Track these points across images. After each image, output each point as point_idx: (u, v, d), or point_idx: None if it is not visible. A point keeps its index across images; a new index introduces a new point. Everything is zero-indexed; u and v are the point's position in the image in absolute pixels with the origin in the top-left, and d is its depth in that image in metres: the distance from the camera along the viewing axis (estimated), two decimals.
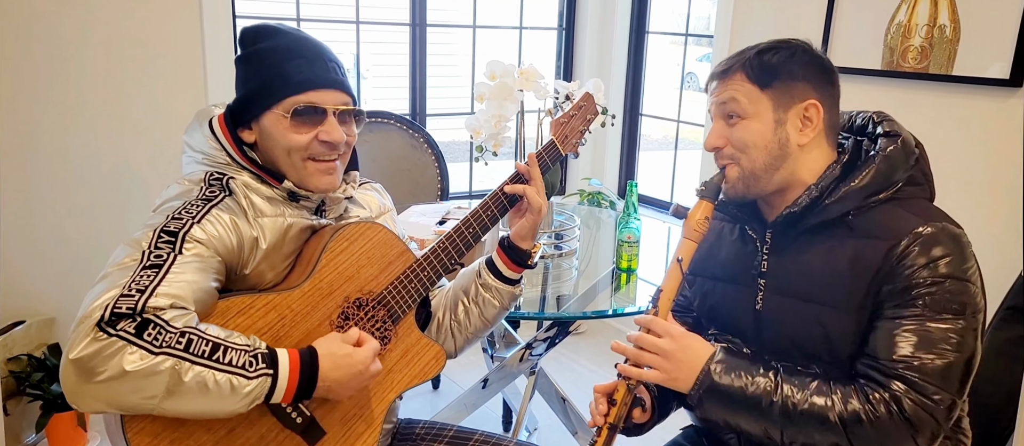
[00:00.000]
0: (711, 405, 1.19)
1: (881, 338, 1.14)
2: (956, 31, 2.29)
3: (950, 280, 1.12)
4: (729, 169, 1.26)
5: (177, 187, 1.24)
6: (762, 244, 1.30)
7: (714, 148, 1.28)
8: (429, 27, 3.31)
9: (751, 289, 1.31)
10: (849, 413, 1.11)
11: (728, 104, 1.24)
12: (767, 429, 1.16)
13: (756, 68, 1.22)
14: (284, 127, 1.23)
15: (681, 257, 1.26)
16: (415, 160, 2.91)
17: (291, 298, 1.22)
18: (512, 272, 1.43)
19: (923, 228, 1.14)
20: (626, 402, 1.26)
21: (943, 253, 1.13)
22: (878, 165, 1.20)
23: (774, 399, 1.15)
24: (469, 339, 1.48)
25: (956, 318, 1.11)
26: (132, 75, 2.57)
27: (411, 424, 1.54)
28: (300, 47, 1.25)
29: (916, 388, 1.09)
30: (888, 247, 1.15)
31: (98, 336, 1.01)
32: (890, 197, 1.21)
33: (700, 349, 1.22)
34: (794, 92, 1.22)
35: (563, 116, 1.52)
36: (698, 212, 1.26)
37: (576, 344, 3.48)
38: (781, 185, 1.26)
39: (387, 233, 1.34)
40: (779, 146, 1.23)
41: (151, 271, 1.08)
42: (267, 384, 1.09)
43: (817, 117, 1.23)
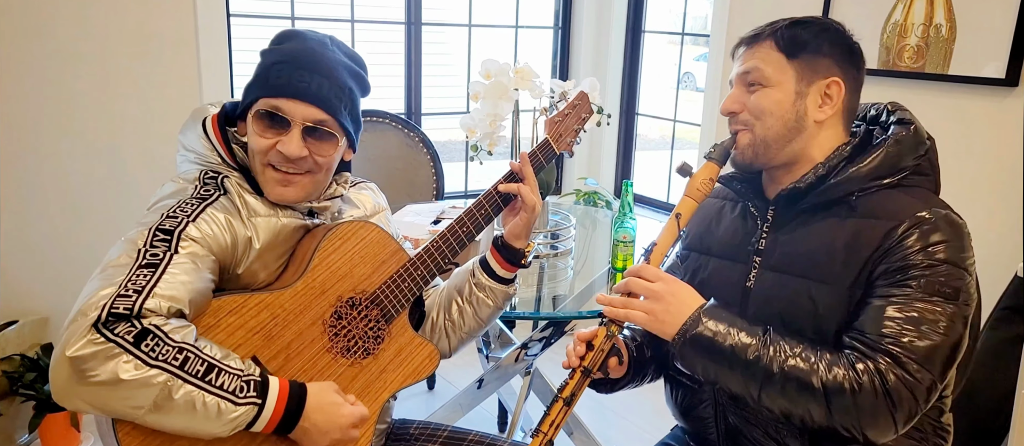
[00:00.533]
0: (694, 353, 1.18)
1: (870, 314, 1.13)
2: (952, 30, 2.29)
3: (946, 265, 1.12)
4: (741, 135, 1.26)
5: (172, 185, 1.24)
6: (763, 221, 1.31)
7: (730, 112, 1.28)
8: (424, 26, 3.30)
9: (745, 266, 1.31)
10: (831, 380, 1.10)
11: (751, 73, 1.25)
12: (746, 385, 1.15)
13: (786, 38, 1.23)
14: (252, 129, 1.22)
15: (680, 213, 1.26)
16: (410, 159, 2.90)
17: (283, 297, 1.21)
18: (506, 271, 1.43)
19: (924, 213, 1.15)
20: (603, 348, 1.25)
21: (942, 239, 1.13)
22: (887, 149, 1.21)
23: (760, 354, 1.14)
24: (463, 339, 1.47)
25: (947, 302, 1.11)
26: (126, 74, 2.55)
27: (405, 424, 1.54)
28: (298, 55, 1.22)
29: (900, 364, 1.09)
30: (888, 228, 1.15)
31: (95, 338, 1.00)
32: (896, 183, 1.21)
33: (689, 297, 1.21)
34: (819, 67, 1.23)
35: (557, 115, 1.51)
36: (704, 172, 1.26)
37: None
38: (790, 159, 1.26)
39: (380, 232, 1.33)
40: (796, 118, 1.23)
41: (147, 271, 1.07)
42: (252, 412, 1.08)
43: (838, 96, 1.23)
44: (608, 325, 1.26)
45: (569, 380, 1.25)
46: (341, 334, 1.27)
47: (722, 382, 1.19)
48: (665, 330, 1.20)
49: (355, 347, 1.28)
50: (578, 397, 1.25)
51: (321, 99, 1.21)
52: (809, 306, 1.20)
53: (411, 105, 3.39)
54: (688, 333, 1.18)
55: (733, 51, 1.31)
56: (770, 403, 1.15)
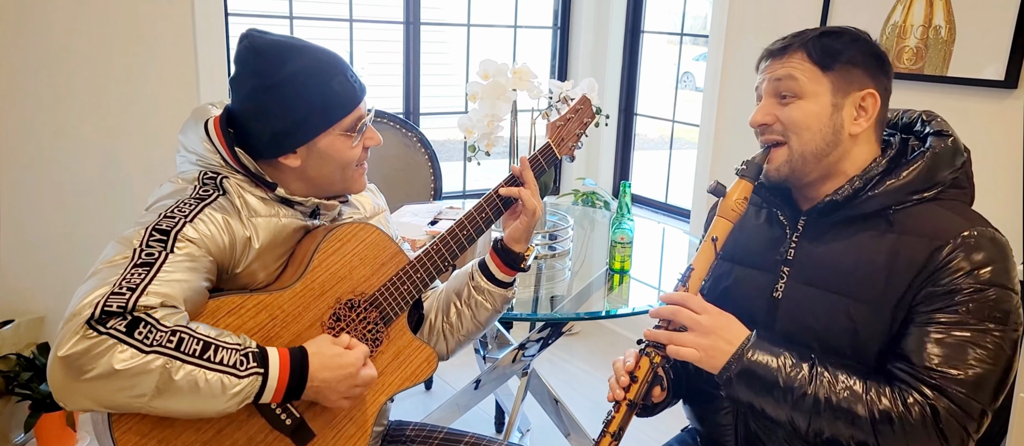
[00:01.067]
0: (741, 387, 1.16)
1: (917, 341, 1.10)
2: (951, 32, 2.29)
3: (993, 288, 1.09)
4: (776, 151, 1.23)
5: (170, 185, 1.23)
6: (792, 231, 1.27)
7: (761, 125, 1.24)
8: (423, 26, 3.30)
9: (772, 275, 1.27)
10: (881, 413, 1.08)
11: (784, 81, 1.21)
12: (793, 417, 1.13)
13: (819, 49, 1.20)
14: (344, 145, 1.26)
15: (716, 236, 1.23)
16: (408, 159, 2.90)
17: (282, 298, 1.21)
18: (505, 275, 1.42)
19: (969, 232, 1.12)
20: (647, 379, 1.22)
21: (988, 259, 1.10)
22: (926, 162, 1.18)
23: (807, 389, 1.11)
24: (461, 341, 1.47)
25: (997, 327, 1.08)
26: (123, 73, 2.55)
27: (401, 425, 1.53)
28: (329, 63, 1.24)
29: (951, 397, 1.06)
30: (933, 248, 1.12)
31: (87, 334, 1.00)
32: (933, 197, 1.18)
33: (736, 329, 1.18)
34: (853, 78, 1.20)
35: (559, 119, 1.50)
36: (737, 192, 1.22)
37: (570, 345, 3.47)
38: (824, 173, 1.22)
39: (380, 234, 1.33)
40: (833, 132, 1.20)
41: (142, 269, 1.07)
42: (257, 383, 1.08)
43: (873, 108, 1.20)
44: (651, 356, 1.22)
45: (614, 413, 1.22)
46: (339, 336, 1.26)
47: (769, 412, 1.16)
48: (713, 364, 1.17)
49: None
50: (625, 430, 1.23)
51: (364, 88, 1.30)
52: (848, 325, 1.17)
53: (409, 105, 3.39)
54: (734, 368, 1.15)
55: (759, 62, 1.27)
56: (818, 431, 1.13)
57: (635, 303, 1.94)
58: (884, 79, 1.23)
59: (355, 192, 1.35)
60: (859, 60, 1.20)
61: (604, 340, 3.55)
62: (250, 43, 1.22)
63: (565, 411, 2.36)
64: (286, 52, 1.22)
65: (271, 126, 1.22)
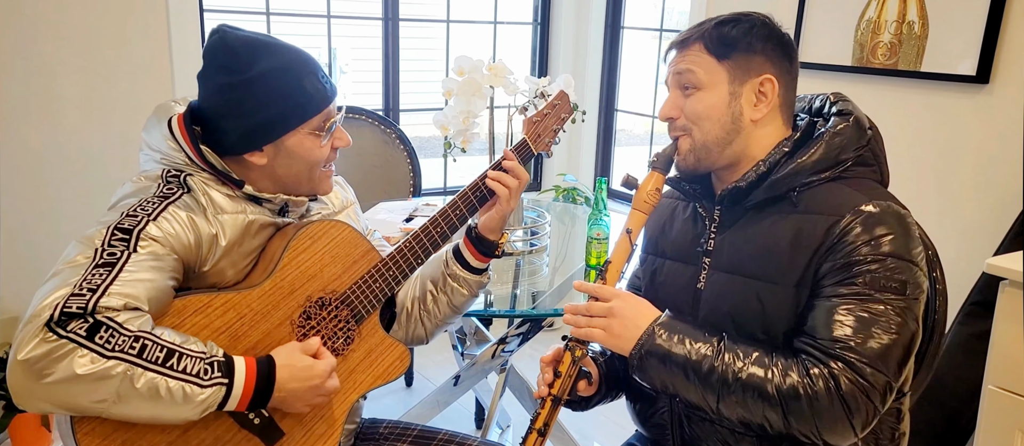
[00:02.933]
0: (651, 366, 1.17)
1: (820, 316, 1.11)
2: (924, 28, 2.31)
3: (892, 258, 1.10)
4: (681, 140, 1.25)
5: (132, 184, 1.22)
6: (710, 222, 1.29)
7: (668, 118, 1.26)
8: (402, 22, 3.28)
9: (696, 268, 1.29)
10: (787, 386, 1.08)
11: (684, 75, 1.23)
12: (704, 396, 1.14)
13: (715, 39, 1.21)
14: (312, 145, 1.24)
15: (630, 228, 1.25)
16: (387, 156, 2.89)
17: (250, 297, 1.20)
18: (479, 262, 1.43)
19: (866, 205, 1.13)
20: (570, 374, 1.24)
21: (886, 231, 1.11)
22: (827, 141, 1.19)
23: (714, 365, 1.12)
24: (439, 326, 1.47)
25: (897, 297, 1.09)
26: (97, 70, 2.52)
27: (375, 423, 1.53)
28: (300, 62, 1.23)
29: (854, 368, 1.07)
30: (830, 223, 1.13)
31: (47, 337, 0.98)
32: (837, 175, 1.19)
33: (645, 311, 1.20)
34: (751, 66, 1.21)
35: (536, 115, 1.49)
36: (649, 183, 1.25)
37: (549, 341, 3.47)
38: (732, 160, 1.24)
39: (351, 232, 1.32)
40: (732, 120, 1.21)
41: (103, 270, 1.06)
42: (221, 393, 1.07)
43: (772, 92, 1.21)
44: (572, 349, 1.25)
45: (540, 410, 1.23)
46: (310, 334, 1.26)
47: (680, 394, 1.17)
48: (622, 346, 1.19)
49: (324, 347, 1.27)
50: (552, 425, 1.24)
51: (335, 89, 1.28)
52: (757, 307, 1.18)
53: (389, 101, 3.38)
54: (643, 347, 1.17)
55: (665, 54, 1.29)
56: (729, 412, 1.13)
57: None
58: (786, 62, 1.23)
59: (323, 193, 1.33)
60: (757, 46, 1.21)
61: None
62: (221, 38, 1.21)
63: None
64: (258, 49, 1.20)
65: (239, 123, 1.21)
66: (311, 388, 1.17)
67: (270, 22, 3.02)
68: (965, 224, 2.28)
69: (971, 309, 2.08)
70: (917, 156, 2.36)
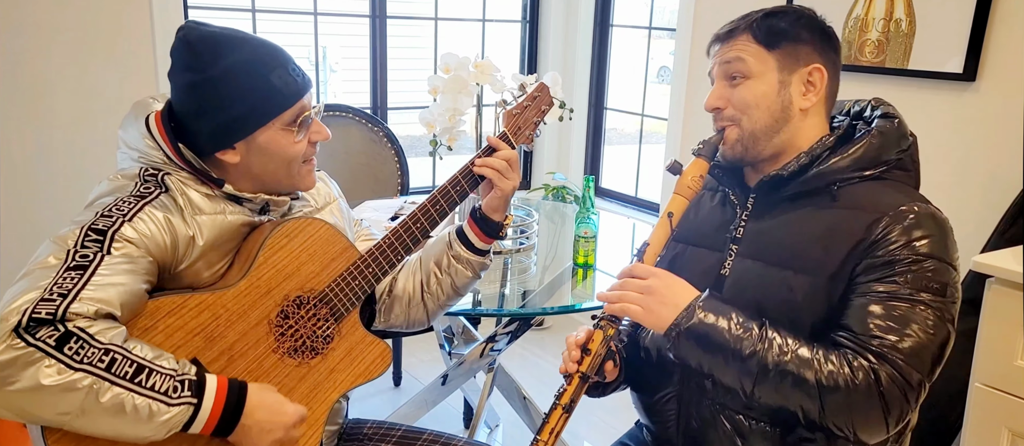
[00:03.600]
0: (689, 345, 1.16)
1: (859, 311, 1.12)
2: (912, 25, 2.30)
3: (932, 260, 1.11)
4: (729, 130, 1.25)
5: (109, 183, 1.19)
6: (742, 210, 1.29)
7: (714, 109, 1.26)
8: (390, 19, 3.26)
9: (721, 254, 1.29)
10: (828, 378, 1.08)
11: (733, 64, 1.23)
12: (740, 379, 1.13)
13: (763, 29, 1.22)
14: (286, 141, 1.22)
15: (672, 212, 1.26)
16: (374, 154, 2.87)
17: (226, 297, 1.18)
18: (484, 243, 1.42)
19: (908, 206, 1.14)
20: (600, 352, 1.22)
21: (927, 233, 1.12)
22: (871, 140, 1.21)
23: (756, 349, 1.11)
24: (441, 307, 1.47)
25: (935, 298, 1.10)
26: (80, 67, 2.49)
27: (359, 424, 1.51)
28: (268, 55, 1.20)
29: (892, 364, 1.07)
30: (871, 220, 1.14)
31: (15, 343, 0.96)
32: (878, 175, 1.21)
33: (684, 290, 1.19)
34: (800, 55, 1.22)
35: (516, 107, 1.48)
36: (693, 170, 1.26)
37: (539, 339, 3.46)
38: (777, 149, 1.25)
39: (329, 229, 1.30)
40: (781, 108, 1.22)
41: (75, 273, 1.03)
42: (188, 412, 1.05)
43: (821, 82, 1.23)
44: (604, 328, 1.23)
45: (567, 386, 1.22)
46: (288, 334, 1.24)
47: (716, 375, 1.16)
48: (660, 323, 1.18)
49: (303, 347, 1.26)
50: (577, 403, 1.22)
51: (309, 82, 1.25)
52: (786, 295, 1.18)
53: (376, 99, 3.36)
54: (682, 325, 1.15)
55: (708, 48, 1.30)
56: (764, 397, 1.13)
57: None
58: (832, 53, 1.25)
59: (305, 189, 1.31)
60: (805, 36, 1.22)
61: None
62: (184, 37, 1.18)
63: (533, 406, 2.35)
64: (221, 45, 1.17)
65: (208, 122, 1.18)
66: (279, 425, 1.14)
67: (256, 19, 2.99)
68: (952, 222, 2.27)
69: None
70: None
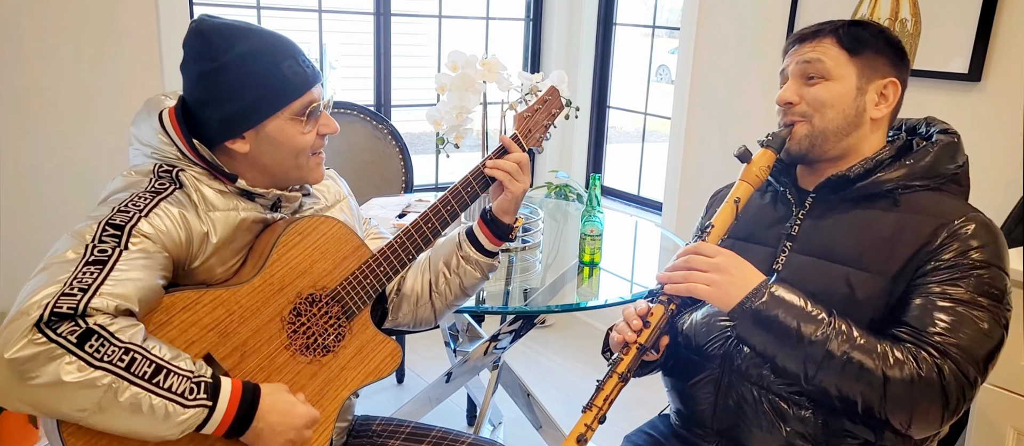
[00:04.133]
0: (754, 327, 1.18)
1: (920, 310, 1.15)
2: (917, 25, 2.31)
3: (993, 268, 1.16)
4: (798, 126, 1.28)
5: (123, 179, 1.20)
6: (799, 208, 1.33)
7: (787, 103, 1.29)
8: (394, 17, 3.26)
9: (774, 250, 1.32)
10: (893, 370, 1.11)
11: (813, 64, 1.27)
12: (804, 363, 1.15)
13: (848, 36, 1.27)
14: (294, 131, 1.22)
15: (739, 198, 1.28)
16: (379, 152, 2.87)
17: (239, 294, 1.18)
18: (493, 245, 1.43)
19: (970, 215, 1.19)
20: (660, 325, 1.25)
21: (986, 241, 1.17)
22: (937, 151, 1.26)
23: (825, 334, 1.14)
24: (449, 306, 1.48)
25: (994, 304, 1.14)
26: (85, 63, 2.49)
27: (368, 420, 1.52)
28: (278, 46, 1.21)
29: (953, 360, 1.11)
30: (937, 225, 1.18)
31: (36, 338, 0.96)
32: (937, 186, 1.26)
33: (753, 272, 1.22)
34: (878, 66, 1.27)
35: (527, 110, 1.49)
36: (762, 159, 1.28)
37: (543, 338, 3.47)
38: (842, 152, 1.29)
39: (342, 227, 1.31)
40: (856, 113, 1.26)
41: (94, 268, 1.04)
42: (203, 415, 1.06)
43: (894, 96, 1.28)
44: (665, 303, 1.26)
45: (623, 355, 1.24)
46: (300, 331, 1.24)
47: (779, 358, 1.18)
48: (727, 300, 1.19)
49: (315, 344, 1.26)
50: (632, 373, 1.24)
51: (318, 74, 1.26)
52: (846, 291, 1.21)
53: (380, 97, 3.36)
54: (751, 304, 1.17)
55: (787, 46, 1.34)
56: (825, 383, 1.15)
57: (606, 295, 1.94)
58: (905, 71, 1.30)
59: (313, 182, 1.31)
60: (884, 50, 1.28)
61: (577, 333, 3.55)
62: (197, 28, 1.19)
63: (537, 404, 2.36)
64: (232, 35, 1.18)
65: (218, 110, 1.19)
66: (290, 427, 1.15)
67: (260, 16, 2.99)
68: None
69: None
70: None
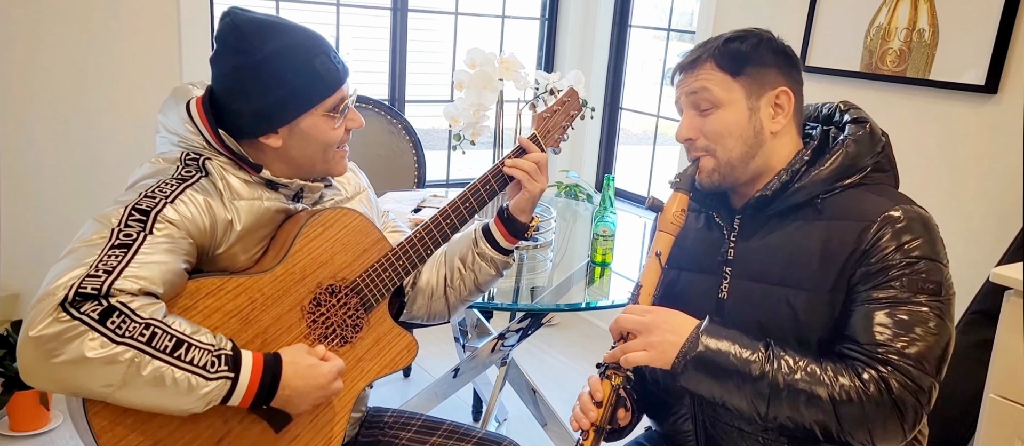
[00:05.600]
0: (697, 375, 1.15)
1: (861, 321, 1.13)
2: (934, 36, 2.31)
3: (924, 261, 1.12)
4: (704, 160, 1.25)
5: (151, 166, 1.22)
6: (729, 231, 1.29)
7: (686, 140, 1.26)
8: (410, 12, 3.28)
9: (716, 277, 1.28)
10: (840, 392, 1.09)
11: (699, 94, 1.23)
12: (753, 402, 1.13)
13: (727, 56, 1.21)
14: (326, 126, 1.25)
15: (659, 251, 1.25)
16: (392, 146, 2.89)
17: (262, 282, 1.20)
18: (509, 243, 1.45)
19: (893, 211, 1.15)
20: (610, 402, 1.21)
21: (914, 235, 1.13)
22: (846, 149, 1.21)
23: (766, 369, 1.11)
24: (462, 302, 1.50)
25: (932, 299, 1.11)
26: (104, 53, 2.51)
27: (380, 412, 1.53)
28: (312, 42, 1.23)
29: (901, 370, 1.08)
30: (861, 229, 1.15)
31: (61, 317, 0.98)
32: (858, 182, 1.21)
33: (683, 321, 1.18)
34: (766, 79, 1.22)
35: (546, 111, 1.50)
36: (674, 205, 1.25)
37: (549, 336, 3.48)
38: (754, 173, 1.25)
39: (363, 220, 1.32)
40: (754, 134, 1.22)
41: (119, 251, 1.06)
42: (226, 386, 1.07)
43: (788, 104, 1.23)
44: (611, 377, 1.22)
45: (583, 441, 1.21)
46: (319, 321, 1.26)
47: (728, 401, 1.16)
48: (666, 359, 1.16)
49: (333, 334, 1.28)
50: None
51: (347, 70, 1.29)
52: (788, 313, 1.18)
53: (395, 91, 3.37)
54: (689, 355, 1.14)
55: (671, 77, 1.30)
56: (779, 417, 1.13)
57: (615, 296, 1.95)
58: (795, 73, 1.25)
59: (337, 174, 1.34)
60: (768, 59, 1.22)
61: (583, 332, 3.57)
62: (231, 21, 1.20)
63: (543, 401, 2.37)
64: (268, 30, 1.20)
65: (252, 105, 1.21)
66: (316, 387, 1.16)
67: (279, 8, 3.01)
68: (969, 233, 2.28)
69: (972, 318, 2.09)
70: (923, 164, 2.37)
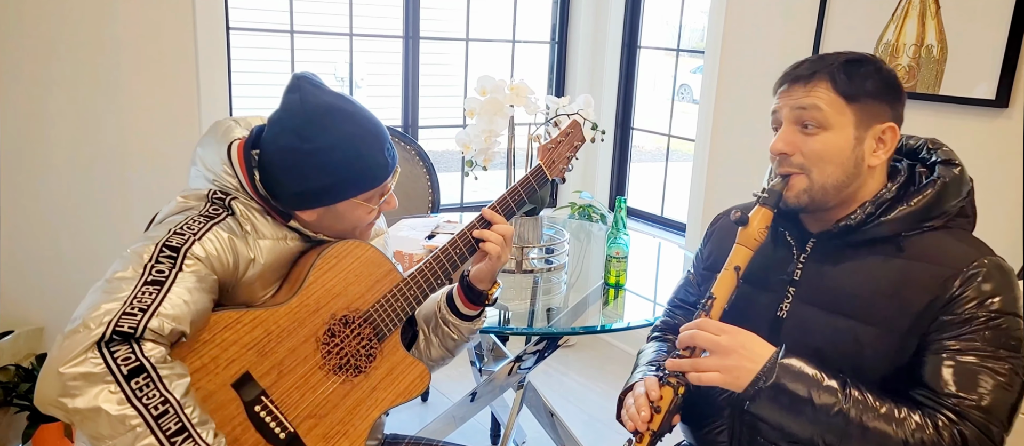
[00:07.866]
0: (769, 404, 1.13)
1: (935, 369, 1.12)
2: (943, 51, 2.32)
3: (1006, 317, 1.11)
4: (796, 178, 1.21)
5: (179, 202, 1.25)
6: (800, 252, 1.27)
7: (781, 154, 1.22)
8: (422, 40, 3.32)
9: (776, 295, 1.27)
10: (912, 435, 1.08)
11: (809, 111, 1.19)
12: (823, 436, 1.12)
13: (844, 79, 1.18)
14: (363, 211, 1.30)
15: (738, 266, 1.23)
16: (407, 172, 2.92)
17: (277, 314, 1.23)
18: (469, 310, 1.46)
19: (979, 261, 1.14)
20: (671, 410, 1.20)
21: (998, 289, 1.12)
22: (936, 190, 1.19)
23: (842, 408, 1.10)
24: (435, 363, 1.50)
25: (1011, 355, 1.11)
26: (126, 87, 2.57)
27: (397, 439, 1.55)
28: (369, 134, 1.27)
29: (974, 423, 1.08)
30: (945, 276, 1.13)
31: (94, 358, 1.01)
32: (943, 225, 1.20)
33: (759, 346, 1.16)
34: (877, 112, 1.20)
35: (550, 142, 1.56)
36: (759, 221, 1.22)
37: (566, 358, 3.48)
38: (842, 201, 1.22)
39: (375, 252, 1.35)
40: (854, 164, 1.19)
41: (153, 288, 1.09)
42: None
43: (892, 141, 1.21)
44: (675, 386, 1.20)
45: (637, 443, 1.20)
46: (334, 351, 1.28)
47: (795, 432, 1.15)
48: (739, 384, 1.14)
49: (347, 364, 1.30)
50: None
51: (397, 159, 1.34)
52: (853, 346, 1.17)
53: (408, 118, 3.42)
54: (764, 384, 1.13)
55: (778, 85, 1.26)
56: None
57: (631, 317, 1.96)
58: (901, 109, 1.23)
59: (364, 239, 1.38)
60: (882, 92, 1.20)
61: (600, 353, 3.56)
62: (300, 99, 1.23)
63: (561, 424, 2.37)
64: (331, 119, 1.23)
65: (297, 186, 1.24)
66: None
67: (293, 39, 3.06)
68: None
69: None
70: None
